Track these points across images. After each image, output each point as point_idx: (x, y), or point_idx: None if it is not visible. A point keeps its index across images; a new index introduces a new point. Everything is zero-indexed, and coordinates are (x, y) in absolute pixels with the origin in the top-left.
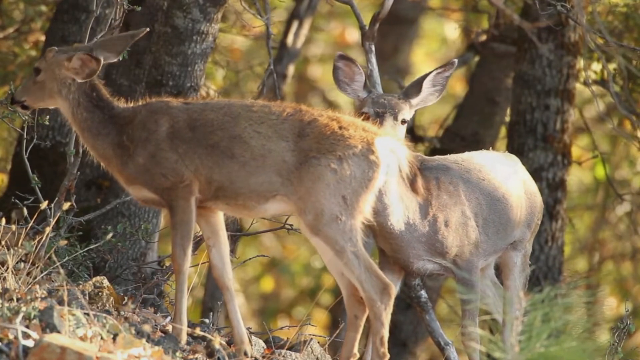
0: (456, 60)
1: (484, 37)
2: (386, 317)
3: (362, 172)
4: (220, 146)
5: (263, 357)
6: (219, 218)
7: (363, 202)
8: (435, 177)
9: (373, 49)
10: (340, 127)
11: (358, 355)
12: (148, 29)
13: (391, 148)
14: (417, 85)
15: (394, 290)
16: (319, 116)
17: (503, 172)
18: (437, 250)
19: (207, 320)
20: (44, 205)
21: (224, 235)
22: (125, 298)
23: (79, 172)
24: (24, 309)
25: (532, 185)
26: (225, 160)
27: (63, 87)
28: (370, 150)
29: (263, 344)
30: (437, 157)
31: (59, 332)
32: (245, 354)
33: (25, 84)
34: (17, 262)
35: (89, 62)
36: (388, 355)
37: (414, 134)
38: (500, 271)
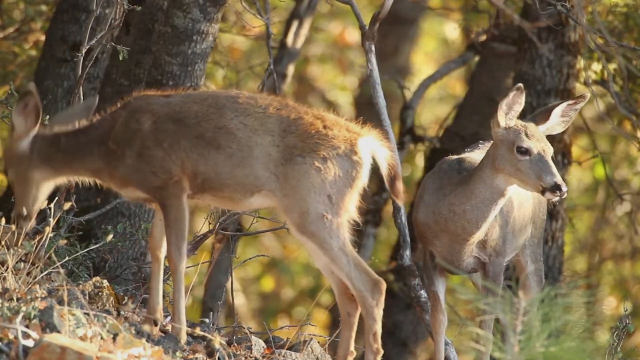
0: (588, 95)
1: (484, 37)
2: (378, 313)
3: (346, 172)
4: (205, 137)
5: (263, 357)
6: None
7: (348, 201)
8: None
9: (373, 49)
10: (324, 127)
11: (355, 354)
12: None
13: (372, 149)
14: (546, 113)
15: (385, 286)
16: (305, 114)
17: None
18: (482, 241)
19: (207, 320)
20: (44, 205)
21: None
22: (125, 298)
23: None
24: (24, 309)
25: None
26: (211, 151)
27: (26, 151)
28: (353, 151)
29: (263, 344)
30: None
31: (59, 332)
32: (155, 323)
33: (13, 200)
34: (17, 262)
35: (25, 107)
36: (382, 351)
37: (414, 134)
38: (515, 270)
